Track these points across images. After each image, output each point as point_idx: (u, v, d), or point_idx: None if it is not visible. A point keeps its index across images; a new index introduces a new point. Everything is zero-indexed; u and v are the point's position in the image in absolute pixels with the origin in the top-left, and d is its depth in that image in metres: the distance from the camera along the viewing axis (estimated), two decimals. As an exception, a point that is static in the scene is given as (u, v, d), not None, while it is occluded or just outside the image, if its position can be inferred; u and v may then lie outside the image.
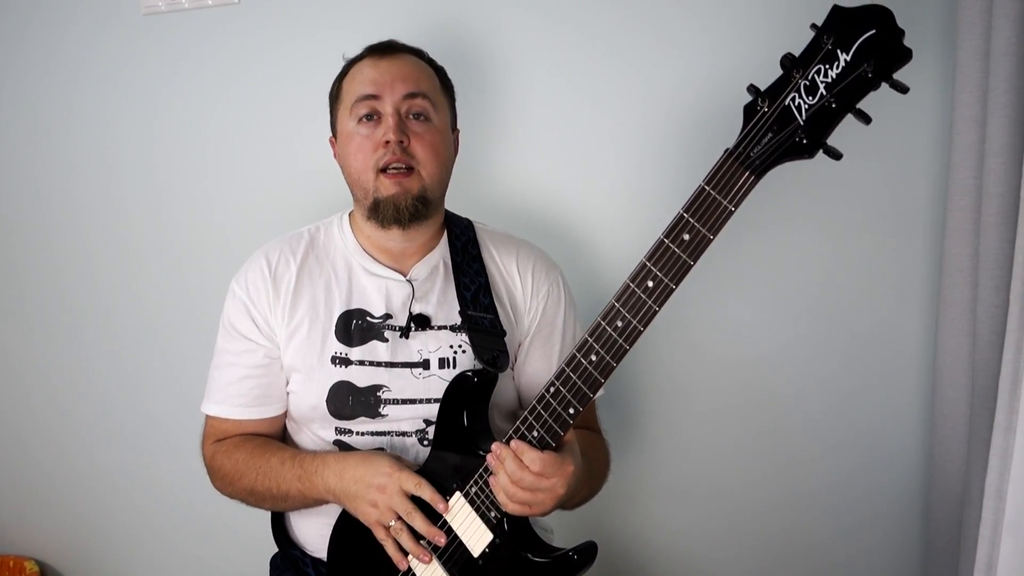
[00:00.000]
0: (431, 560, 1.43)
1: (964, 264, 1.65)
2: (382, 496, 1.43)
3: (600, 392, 1.65)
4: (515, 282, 1.66)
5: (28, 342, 2.36)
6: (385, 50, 1.59)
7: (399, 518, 1.43)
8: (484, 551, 1.42)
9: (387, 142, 1.51)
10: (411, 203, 1.52)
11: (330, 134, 1.68)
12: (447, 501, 1.43)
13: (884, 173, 1.78)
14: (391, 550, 1.45)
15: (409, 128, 1.53)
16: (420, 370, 1.56)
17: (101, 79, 2.15)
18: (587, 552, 1.39)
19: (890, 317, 1.83)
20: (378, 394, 1.54)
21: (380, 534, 1.45)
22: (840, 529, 1.91)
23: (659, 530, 2.04)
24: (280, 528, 1.69)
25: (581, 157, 1.93)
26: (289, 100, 2.06)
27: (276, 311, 1.58)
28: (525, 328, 1.65)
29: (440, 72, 1.65)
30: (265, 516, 1.70)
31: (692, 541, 2.02)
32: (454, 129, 1.67)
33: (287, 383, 1.61)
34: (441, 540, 1.42)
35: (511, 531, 1.42)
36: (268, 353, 1.59)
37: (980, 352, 1.60)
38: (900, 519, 1.88)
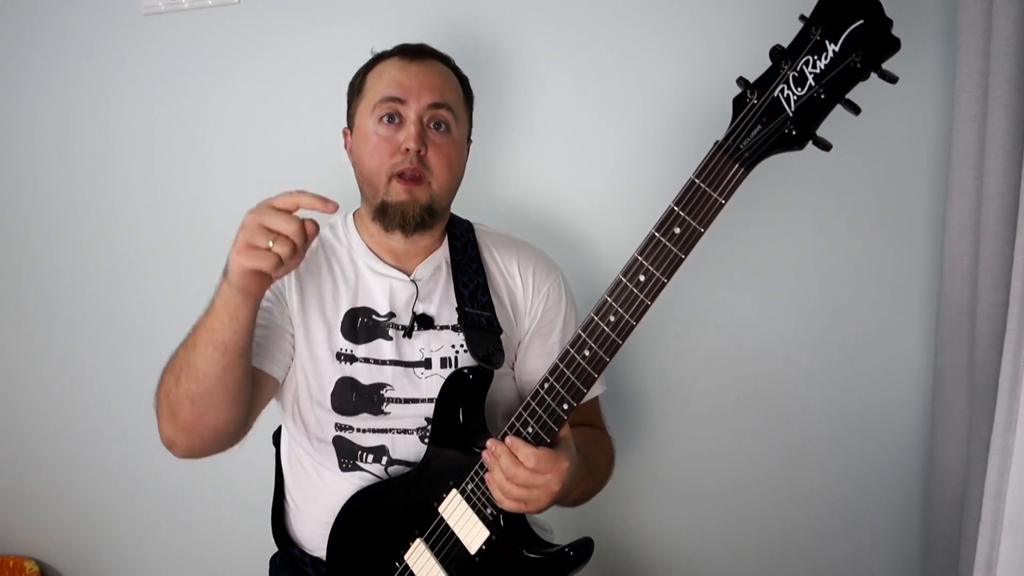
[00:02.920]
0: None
1: (964, 264, 1.65)
2: (245, 232, 1.30)
3: (602, 388, 1.66)
4: (516, 282, 1.66)
5: (28, 342, 2.37)
6: (416, 54, 1.59)
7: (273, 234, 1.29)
8: (481, 548, 1.41)
9: (407, 149, 1.51)
10: (418, 212, 1.53)
11: (344, 125, 1.67)
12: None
13: (884, 173, 1.78)
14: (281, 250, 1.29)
15: (429, 138, 1.53)
16: (422, 369, 1.56)
17: (101, 79, 2.16)
18: (583, 548, 1.39)
19: (890, 317, 1.82)
20: (381, 392, 1.55)
21: (265, 264, 1.29)
22: (840, 528, 1.91)
23: (656, 528, 2.04)
24: (280, 527, 1.69)
25: (578, 155, 1.94)
26: (289, 100, 2.07)
27: (292, 293, 1.57)
28: (525, 327, 1.66)
29: (464, 82, 1.66)
30: (265, 515, 1.71)
31: (689, 539, 2.02)
32: (468, 140, 1.68)
33: (291, 365, 1.58)
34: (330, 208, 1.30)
35: (507, 528, 1.41)
36: (279, 312, 1.56)
37: (980, 352, 1.60)
38: (900, 518, 1.87)
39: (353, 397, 1.54)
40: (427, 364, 1.57)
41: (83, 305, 2.30)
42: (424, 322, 1.58)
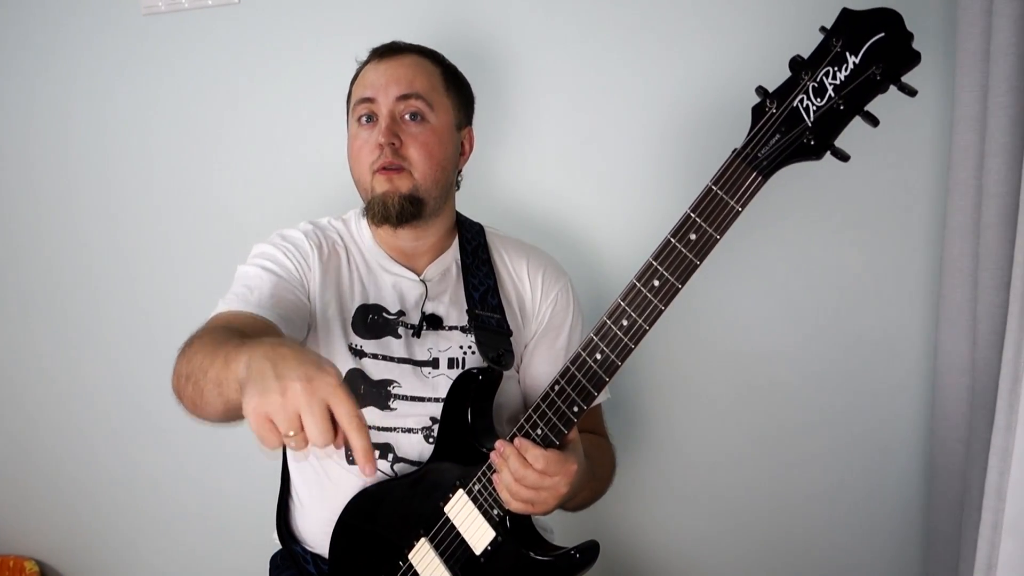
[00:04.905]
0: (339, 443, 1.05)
1: (964, 264, 1.65)
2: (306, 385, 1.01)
3: (606, 396, 1.66)
4: (525, 286, 1.67)
5: (27, 343, 2.35)
6: (385, 52, 1.61)
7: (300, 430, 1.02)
8: (486, 549, 1.42)
9: (380, 145, 1.53)
10: (399, 201, 1.53)
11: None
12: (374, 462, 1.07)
13: (884, 173, 1.78)
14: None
15: (404, 129, 1.54)
16: (429, 369, 1.56)
17: (101, 79, 2.14)
18: (589, 551, 1.40)
19: (890, 317, 1.83)
20: (389, 388, 1.55)
21: (266, 431, 1.01)
22: (840, 529, 1.91)
23: (660, 530, 2.04)
24: (284, 523, 1.69)
25: (589, 159, 1.93)
26: (289, 100, 2.05)
27: (315, 274, 1.57)
28: (532, 331, 1.67)
29: (447, 70, 1.65)
30: (265, 514, 1.71)
31: (692, 541, 2.02)
32: (462, 128, 1.67)
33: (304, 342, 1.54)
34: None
35: (513, 529, 1.42)
36: (301, 276, 1.55)
37: (980, 352, 1.61)
38: (900, 519, 1.88)
39: (362, 389, 1.54)
40: (435, 364, 1.57)
41: (83, 306, 2.28)
42: (433, 322, 1.59)
